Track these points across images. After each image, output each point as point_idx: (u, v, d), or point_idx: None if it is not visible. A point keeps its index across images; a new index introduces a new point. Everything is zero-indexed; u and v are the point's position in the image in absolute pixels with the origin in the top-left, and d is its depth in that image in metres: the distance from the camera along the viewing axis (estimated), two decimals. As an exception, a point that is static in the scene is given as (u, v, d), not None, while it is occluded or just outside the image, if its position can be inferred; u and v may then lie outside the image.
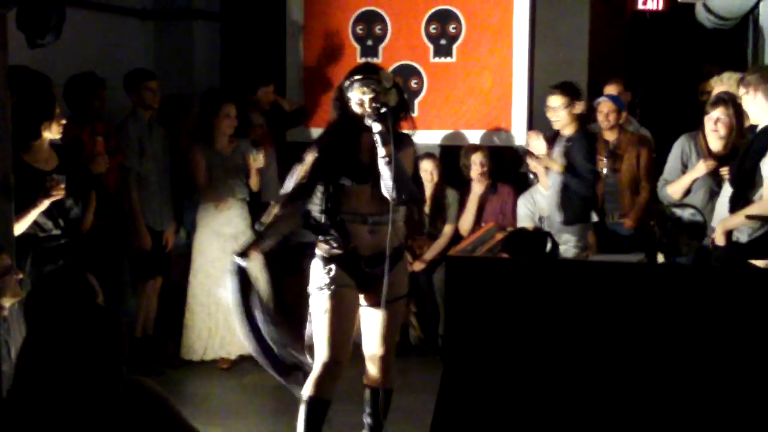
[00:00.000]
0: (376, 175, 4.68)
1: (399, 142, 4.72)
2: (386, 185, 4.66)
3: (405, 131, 4.87)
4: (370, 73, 4.74)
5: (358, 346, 5.01)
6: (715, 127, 6.02)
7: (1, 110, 4.61)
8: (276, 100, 7.72)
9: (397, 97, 4.75)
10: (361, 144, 4.78)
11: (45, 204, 5.09)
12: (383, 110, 4.58)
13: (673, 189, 6.15)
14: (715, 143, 6.09)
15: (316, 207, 4.77)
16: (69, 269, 4.30)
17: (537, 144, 6.75)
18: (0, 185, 4.61)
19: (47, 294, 3.64)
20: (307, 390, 4.76)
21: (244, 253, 4.77)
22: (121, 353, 3.00)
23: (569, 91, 6.57)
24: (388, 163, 4.61)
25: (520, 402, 3.88)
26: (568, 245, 6.39)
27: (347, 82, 4.74)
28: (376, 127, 4.58)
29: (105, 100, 6.49)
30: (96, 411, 2.88)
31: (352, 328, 4.84)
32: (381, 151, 4.61)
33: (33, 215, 5.08)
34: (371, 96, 4.66)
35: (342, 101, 4.77)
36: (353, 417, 5.24)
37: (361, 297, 4.88)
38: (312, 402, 4.76)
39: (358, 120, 4.69)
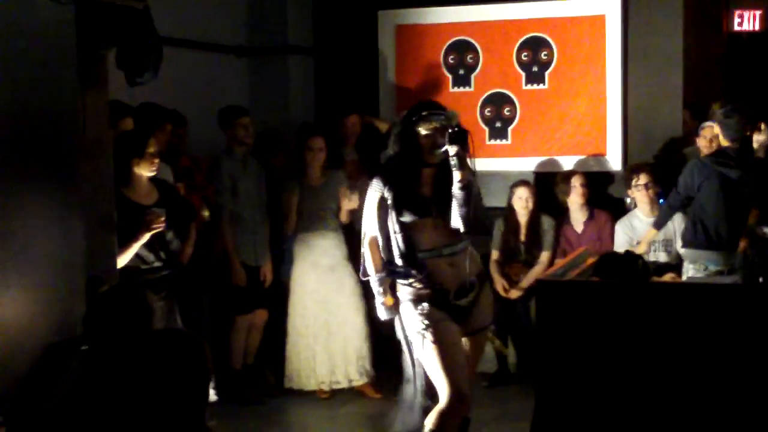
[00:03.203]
0: (440, 207, 4.67)
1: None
2: (458, 212, 4.61)
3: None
4: (437, 109, 4.74)
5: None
6: None
7: (102, 147, 4.76)
8: (371, 122, 7.74)
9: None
10: (421, 178, 4.76)
11: (146, 237, 5.23)
12: (459, 131, 4.55)
13: None
14: None
15: (388, 252, 4.76)
16: (128, 287, 4.35)
17: None
18: (103, 220, 4.76)
19: (104, 310, 3.73)
20: (430, 423, 4.60)
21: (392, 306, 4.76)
22: (199, 378, 3.04)
23: None
24: (464, 187, 4.58)
25: (613, 425, 3.84)
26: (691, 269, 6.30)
27: (414, 116, 4.70)
28: (453, 149, 4.55)
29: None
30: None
31: (463, 357, 4.69)
32: (456, 175, 4.58)
33: (135, 248, 5.22)
34: (440, 126, 4.65)
35: (406, 135, 4.73)
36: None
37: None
38: None
39: (422, 153, 4.69)
